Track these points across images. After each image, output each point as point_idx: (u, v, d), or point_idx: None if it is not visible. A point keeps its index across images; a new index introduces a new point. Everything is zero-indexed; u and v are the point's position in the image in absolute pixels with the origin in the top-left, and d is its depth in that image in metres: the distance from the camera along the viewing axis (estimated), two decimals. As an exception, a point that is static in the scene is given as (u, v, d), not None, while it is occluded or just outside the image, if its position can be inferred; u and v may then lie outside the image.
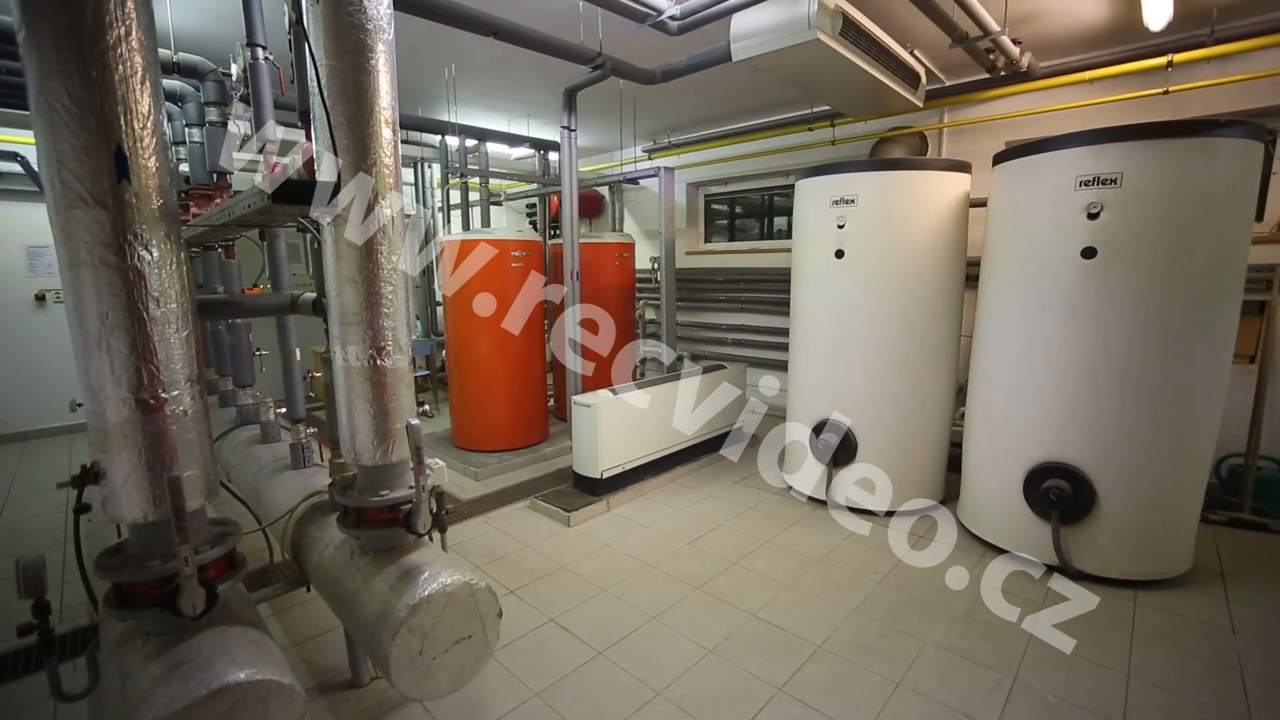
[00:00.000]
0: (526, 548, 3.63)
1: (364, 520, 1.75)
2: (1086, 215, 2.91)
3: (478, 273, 4.82)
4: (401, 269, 1.72)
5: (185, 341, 1.39)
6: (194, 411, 1.41)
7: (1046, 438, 3.16)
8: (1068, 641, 2.64)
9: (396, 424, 1.75)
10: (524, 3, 3.48)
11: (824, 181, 3.86)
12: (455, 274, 4.93)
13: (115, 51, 1.22)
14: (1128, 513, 3.00)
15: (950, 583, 3.15)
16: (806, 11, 3.12)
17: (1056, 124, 4.60)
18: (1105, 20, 3.82)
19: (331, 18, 1.54)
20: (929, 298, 3.76)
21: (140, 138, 1.27)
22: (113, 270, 1.26)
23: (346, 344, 1.67)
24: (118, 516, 1.35)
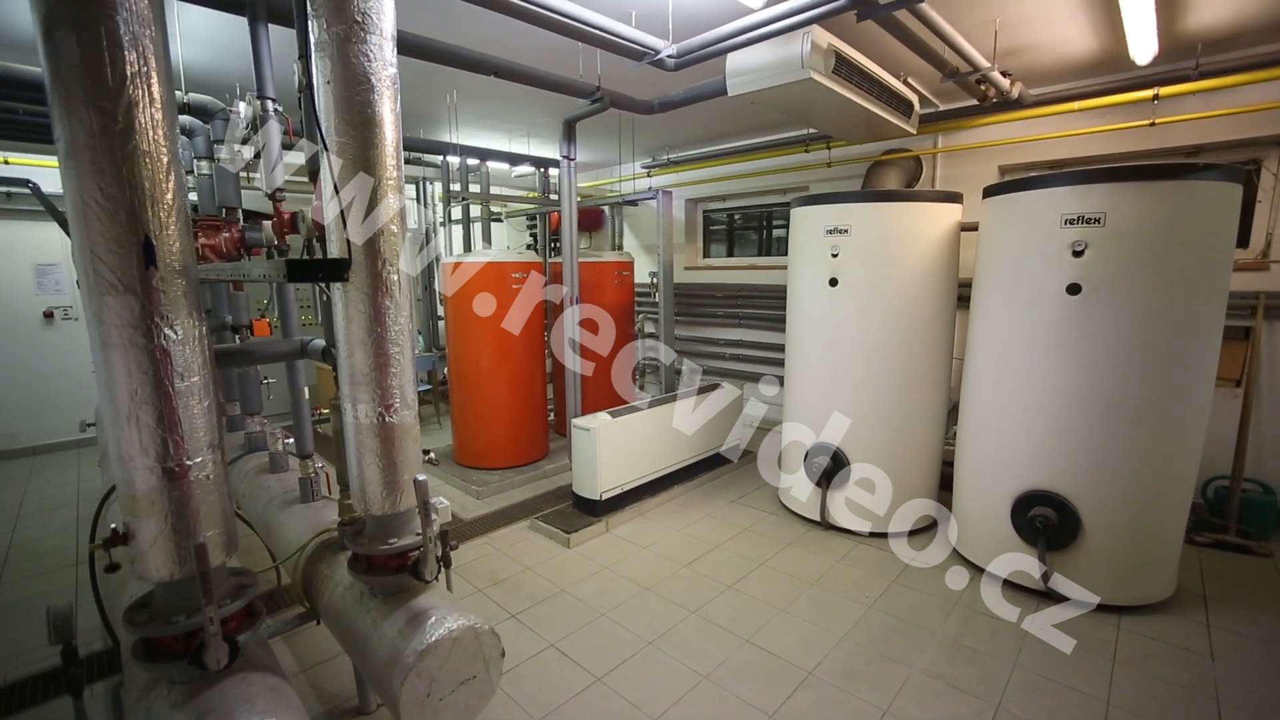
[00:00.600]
0: (527, 570, 3.72)
1: (373, 566, 1.84)
2: (1071, 253, 2.99)
3: (478, 294, 4.91)
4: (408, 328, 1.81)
5: (207, 411, 1.48)
6: (215, 475, 1.50)
7: (1033, 466, 3.25)
8: (1051, 668, 2.73)
9: (404, 475, 1.84)
10: (525, 38, 3.57)
11: (818, 211, 3.95)
12: (456, 295, 5.02)
13: (144, 149, 1.31)
14: (1111, 540, 3.09)
15: (939, 607, 3.24)
16: (800, 52, 3.21)
17: (1048, 150, 4.69)
18: (1093, 52, 3.91)
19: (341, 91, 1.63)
20: (921, 326, 3.85)
21: (165, 225, 1.36)
22: (141, 350, 1.35)
23: (356, 402, 1.76)
24: (145, 576, 1.44)
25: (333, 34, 1.60)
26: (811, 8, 2.79)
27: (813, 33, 3.15)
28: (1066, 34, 3.63)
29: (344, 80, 1.61)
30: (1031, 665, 2.76)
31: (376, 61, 1.64)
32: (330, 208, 1.67)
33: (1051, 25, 3.51)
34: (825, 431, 4.07)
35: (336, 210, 1.66)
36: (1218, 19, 3.40)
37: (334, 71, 1.61)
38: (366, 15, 1.62)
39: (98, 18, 1.23)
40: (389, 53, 1.69)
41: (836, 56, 3.35)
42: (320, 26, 1.61)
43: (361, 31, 1.62)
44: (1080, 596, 3.15)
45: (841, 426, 4.01)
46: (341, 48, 1.60)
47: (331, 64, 1.61)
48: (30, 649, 3.00)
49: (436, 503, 2.27)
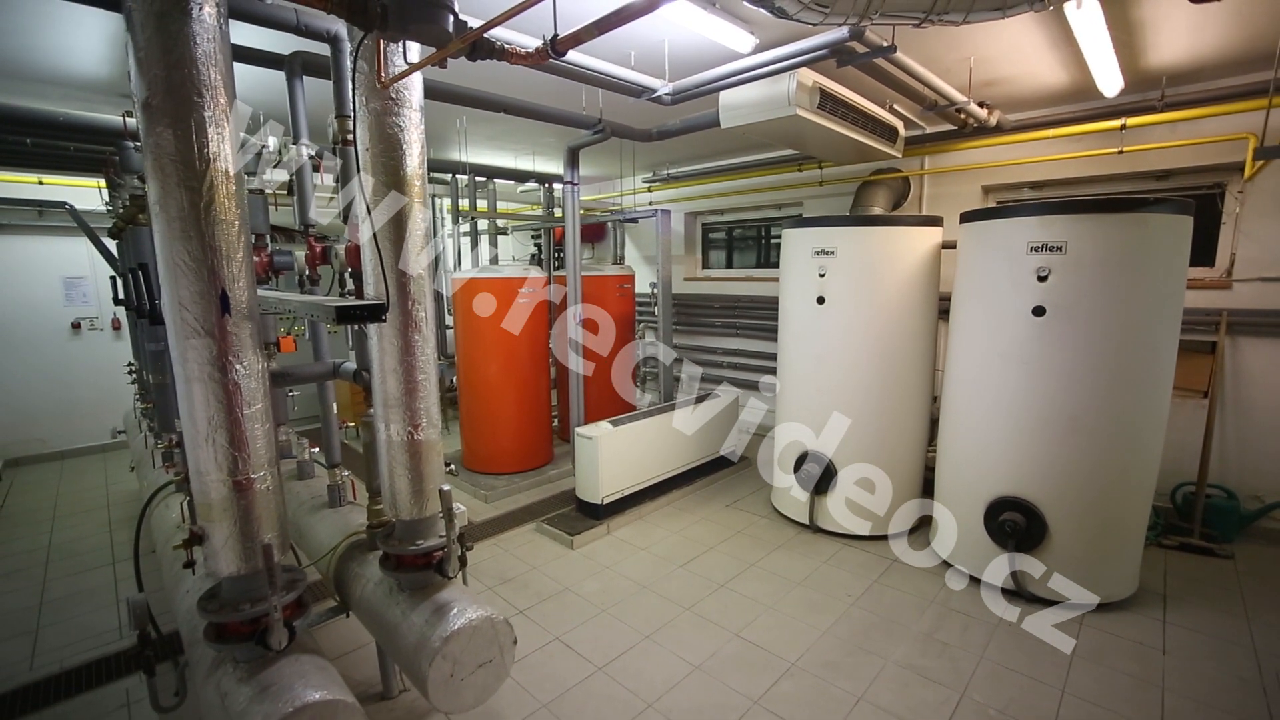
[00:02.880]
0: (533, 570, 3.99)
1: (402, 564, 2.11)
2: (1036, 278, 3.25)
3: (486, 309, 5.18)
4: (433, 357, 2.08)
5: (268, 433, 1.75)
6: (274, 486, 1.77)
7: (1005, 474, 3.50)
8: (1015, 660, 2.98)
9: (430, 485, 2.11)
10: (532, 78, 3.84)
11: (806, 233, 4.22)
12: (465, 309, 5.29)
13: (222, 218, 1.58)
14: (1076, 542, 3.34)
15: (916, 605, 3.49)
16: (787, 90, 3.47)
17: (1028, 172, 4.94)
18: (1064, 84, 4.16)
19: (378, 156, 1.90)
20: (904, 341, 4.11)
21: (237, 279, 1.63)
22: (217, 384, 1.62)
23: (389, 422, 2.03)
24: (217, 571, 1.72)
25: (371, 110, 1.87)
26: (794, 56, 3.05)
27: (798, 73, 3.41)
28: (1037, 68, 3.88)
29: (381, 147, 1.89)
30: (997, 657, 3.01)
31: (407, 130, 1.92)
32: (368, 254, 1.94)
33: (1024, 61, 3.76)
34: (814, 440, 4.32)
35: (373, 257, 1.93)
36: (1176, 56, 3.65)
37: (372, 140, 1.88)
38: (400, 92, 1.89)
39: (189, 112, 1.51)
40: (417, 119, 1.96)
41: (821, 93, 3.61)
42: (361, 102, 1.88)
43: (396, 106, 1.89)
44: (1051, 595, 3.41)
45: (830, 436, 4.26)
46: (378, 119, 1.88)
47: (370, 133, 1.88)
48: (79, 639, 3.28)
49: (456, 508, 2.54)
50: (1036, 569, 3.43)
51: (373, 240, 1.92)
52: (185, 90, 1.49)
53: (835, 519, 4.34)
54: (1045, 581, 3.42)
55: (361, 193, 1.88)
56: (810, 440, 4.35)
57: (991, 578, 3.57)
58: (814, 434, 4.34)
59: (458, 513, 2.51)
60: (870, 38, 2.82)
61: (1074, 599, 3.37)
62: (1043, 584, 3.43)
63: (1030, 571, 3.44)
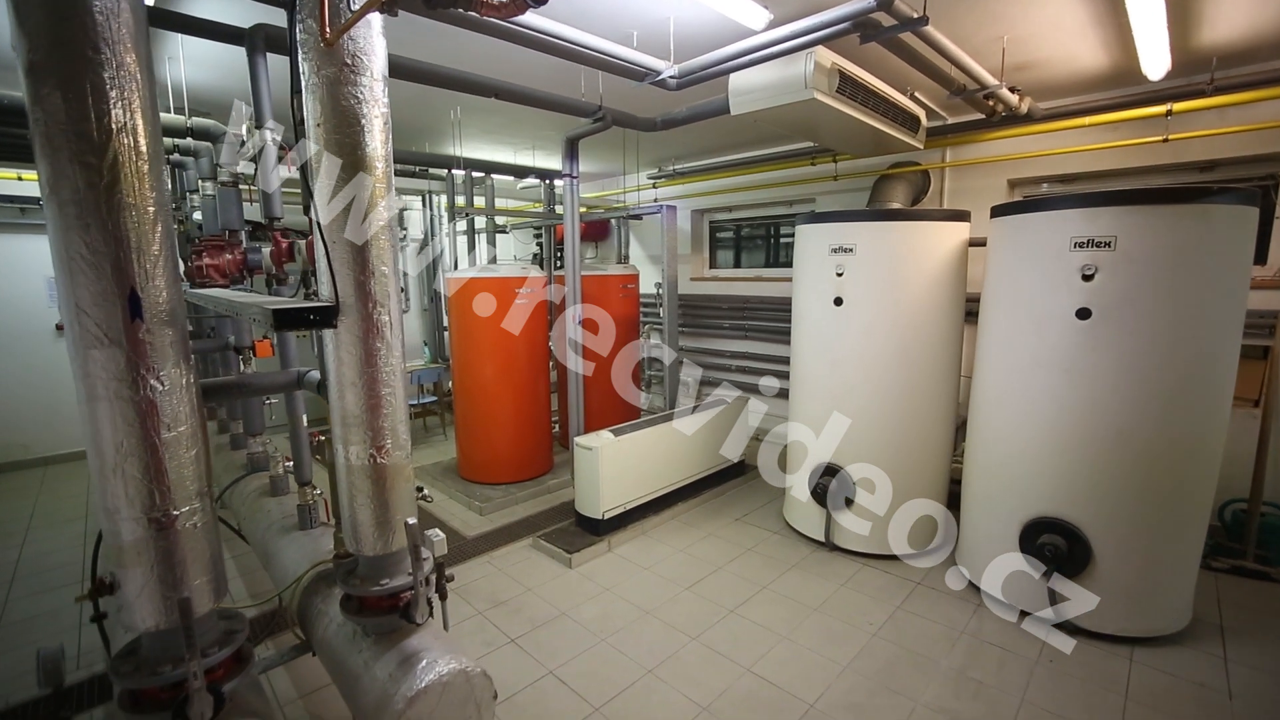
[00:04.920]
0: (528, 591, 3.70)
1: (365, 607, 1.83)
2: (1081, 277, 2.93)
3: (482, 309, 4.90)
4: (400, 368, 1.80)
5: (196, 459, 1.47)
6: (204, 523, 1.49)
7: (1042, 493, 3.18)
8: (1061, 704, 2.66)
9: (397, 516, 1.82)
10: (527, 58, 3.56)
11: (823, 229, 3.91)
12: (459, 310, 5.02)
13: (129, 202, 1.30)
14: (1124, 569, 3.02)
15: (945, 635, 3.18)
16: (803, 71, 3.17)
17: (1059, 165, 4.61)
18: (1104, 67, 3.84)
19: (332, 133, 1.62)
20: (928, 345, 3.79)
21: (152, 277, 1.35)
22: (126, 403, 1.34)
23: (349, 443, 1.74)
24: (131, 626, 1.44)
25: (324, 76, 1.59)
26: (814, 30, 2.75)
27: (816, 53, 3.11)
28: (1076, 49, 3.56)
29: (335, 122, 1.60)
30: (1040, 700, 2.70)
31: (367, 103, 1.63)
32: (320, 251, 1.66)
33: (1061, 41, 3.45)
34: (830, 452, 4.01)
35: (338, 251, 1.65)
36: (1232, 33, 3.32)
37: (324, 114, 1.60)
38: (356, 57, 1.61)
39: (84, 72, 1.23)
40: (380, 92, 1.68)
41: (841, 76, 3.31)
42: (312, 69, 1.60)
43: (352, 74, 1.61)
44: (1096, 627, 3.08)
45: (847, 447, 3.95)
46: (332, 90, 1.59)
47: (322, 106, 1.60)
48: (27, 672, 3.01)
49: (431, 535, 2.25)
50: (1079, 597, 3.11)
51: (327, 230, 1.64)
52: (77, 44, 1.21)
53: (853, 536, 4.03)
54: (1089, 611, 3.10)
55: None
56: (826, 451, 4.04)
57: (1029, 606, 3.25)
58: (830, 445, 4.03)
59: (434, 541, 2.23)
60: (899, 7, 2.52)
61: (1122, 632, 3.05)
62: (1086, 614, 3.11)
63: (1072, 600, 3.12)
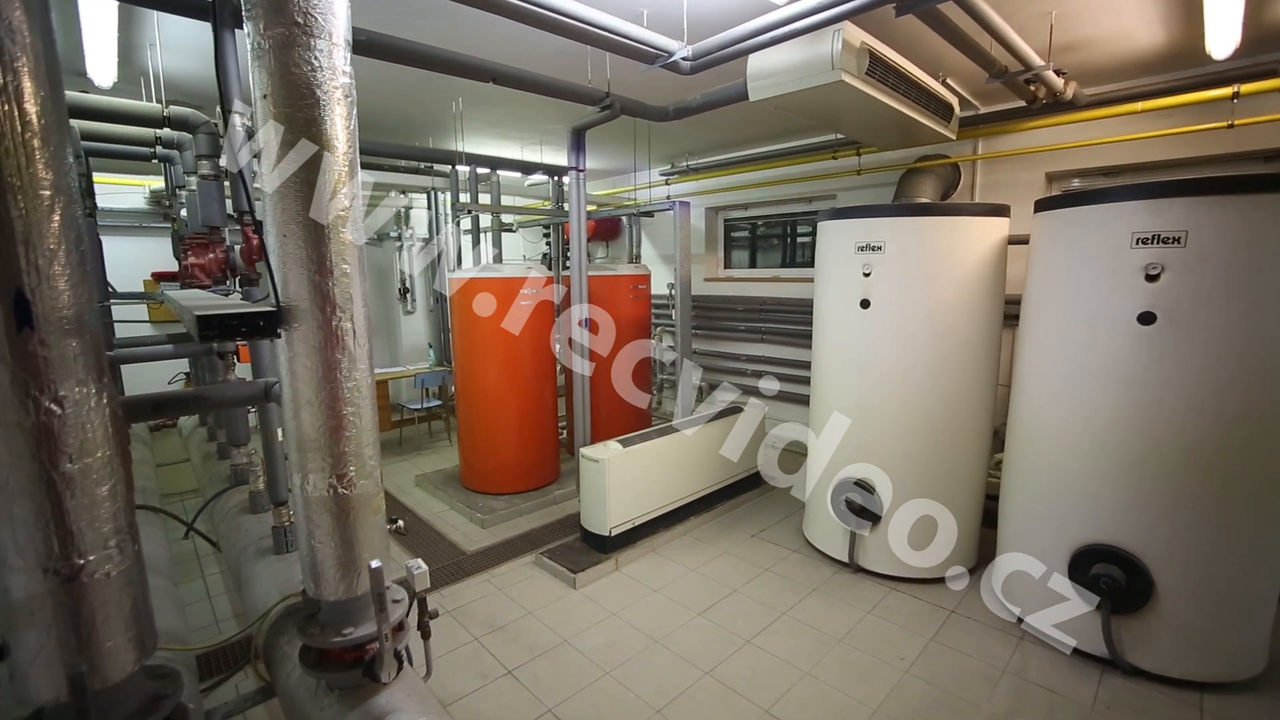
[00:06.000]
0: (529, 615, 3.44)
1: (327, 659, 1.58)
2: (1144, 277, 2.61)
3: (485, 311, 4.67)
4: (367, 382, 1.54)
5: (112, 494, 1.22)
6: (121, 570, 1.25)
7: (1096, 517, 2.86)
8: (1123, 763, 2.35)
9: (363, 554, 1.57)
10: (530, 42, 3.31)
11: (848, 226, 3.61)
12: (462, 312, 4.79)
13: (12, 184, 1.05)
14: (1191, 606, 2.69)
15: (985, 674, 2.87)
16: (830, 51, 2.88)
17: (1103, 156, 4.26)
18: (1161, 46, 3.49)
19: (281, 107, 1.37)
20: (964, 352, 3.48)
21: (47, 276, 1.11)
22: (12, 430, 1.10)
23: (305, 472, 1.49)
24: (26, 698, 1.20)
25: (271, 38, 1.34)
26: (844, 1, 2.46)
27: (844, 30, 2.82)
28: (1132, 25, 3.23)
29: (285, 94, 1.35)
30: (1099, 756, 2.39)
31: (324, 71, 1.38)
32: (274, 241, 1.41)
33: (1116, 16, 3.12)
34: (854, 466, 3.71)
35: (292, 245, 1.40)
36: (1313, 6, 2.97)
37: (272, 84, 1.35)
38: (310, 15, 1.35)
39: (-52, 22, 0.98)
40: (340, 60, 1.42)
41: (870, 56, 3.01)
42: (256, 30, 1.35)
43: (305, 36, 1.35)
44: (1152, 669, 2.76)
45: (873, 460, 3.65)
46: (281, 55, 1.34)
47: (269, 75, 1.35)
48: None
49: (413, 567, 2.00)
50: (1139, 635, 2.78)
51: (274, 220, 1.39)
52: (-61, -13, 0.97)
53: (879, 556, 3.72)
54: (1150, 651, 2.77)
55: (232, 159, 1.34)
56: (850, 465, 3.74)
57: (1080, 643, 2.93)
58: (854, 458, 3.73)
59: (416, 573, 1.98)
60: (942, -28, 2.22)
61: (1189, 676, 2.72)
62: (1147, 653, 2.78)
63: (1131, 639, 2.79)
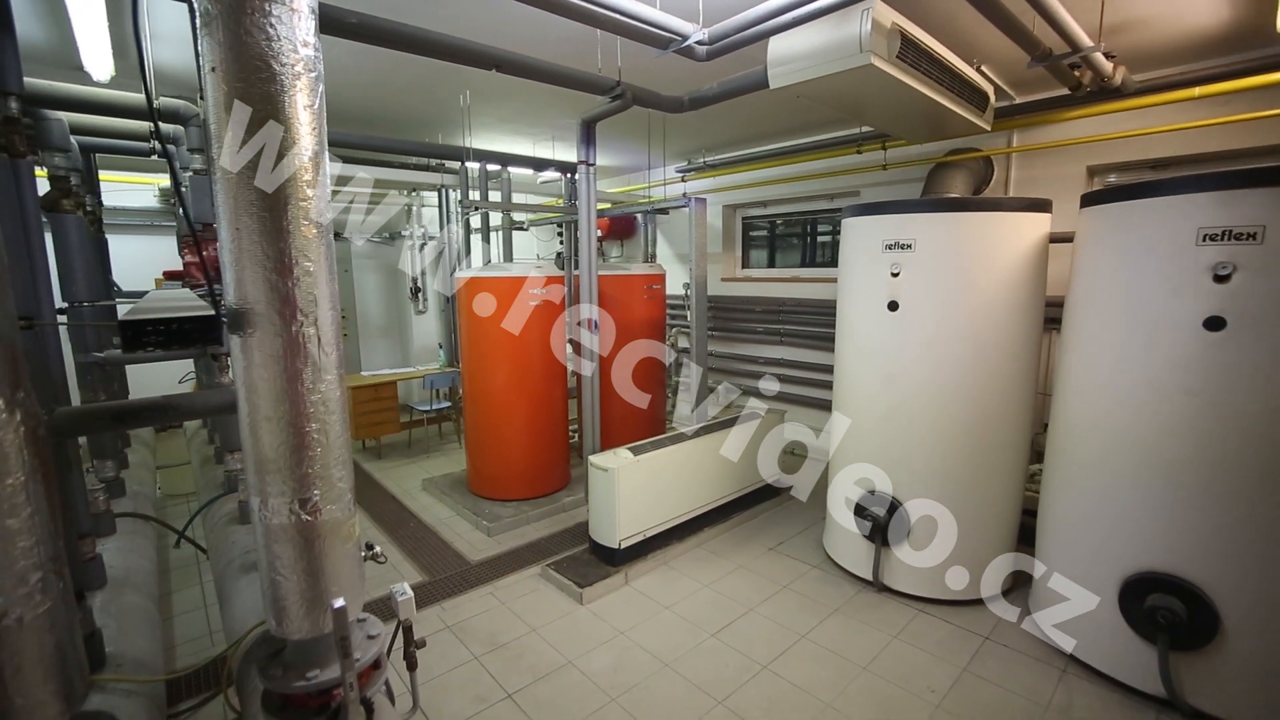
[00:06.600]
0: (532, 632, 3.27)
1: (290, 705, 1.41)
2: (1212, 277, 2.34)
3: (493, 311, 4.52)
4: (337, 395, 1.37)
5: (28, 525, 1.07)
6: (41, 613, 1.09)
7: (1150, 542, 2.60)
8: (1188, 822, 2.10)
9: (331, 587, 1.40)
10: (537, 29, 3.14)
11: (875, 222, 3.37)
12: (469, 312, 4.64)
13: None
14: (1262, 645, 2.41)
15: (1026, 713, 2.62)
16: (859, 32, 2.65)
17: (1152, 147, 3.96)
18: (1223, 25, 3.20)
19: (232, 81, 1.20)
20: (1000, 357, 3.22)
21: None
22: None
23: (265, 496, 1.33)
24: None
25: (220, 3, 1.17)
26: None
27: (873, 8, 2.59)
28: (1191, 1, 2.95)
29: (236, 67, 1.18)
30: (1159, 813, 2.14)
31: (282, 41, 1.21)
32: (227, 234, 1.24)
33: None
34: (881, 477, 3.48)
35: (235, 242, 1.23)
36: (1402, -24, 2.67)
37: (222, 55, 1.18)
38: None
39: None
40: (303, 30, 1.25)
41: (902, 38, 2.78)
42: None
43: (260, 0, 1.18)
44: (1216, 712, 2.49)
45: (901, 472, 3.41)
46: (231, 22, 1.17)
47: (220, 46, 1.18)
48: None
49: (397, 592, 1.84)
50: (1201, 675, 2.52)
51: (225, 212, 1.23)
52: None
53: (907, 575, 3.48)
54: (1214, 693, 2.50)
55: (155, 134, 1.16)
56: (876, 476, 3.50)
57: (1132, 680, 2.67)
58: (881, 469, 3.49)
59: (401, 599, 1.82)
60: (988, -63, 1.99)
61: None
62: (1210, 695, 2.51)
63: (1192, 678, 2.53)
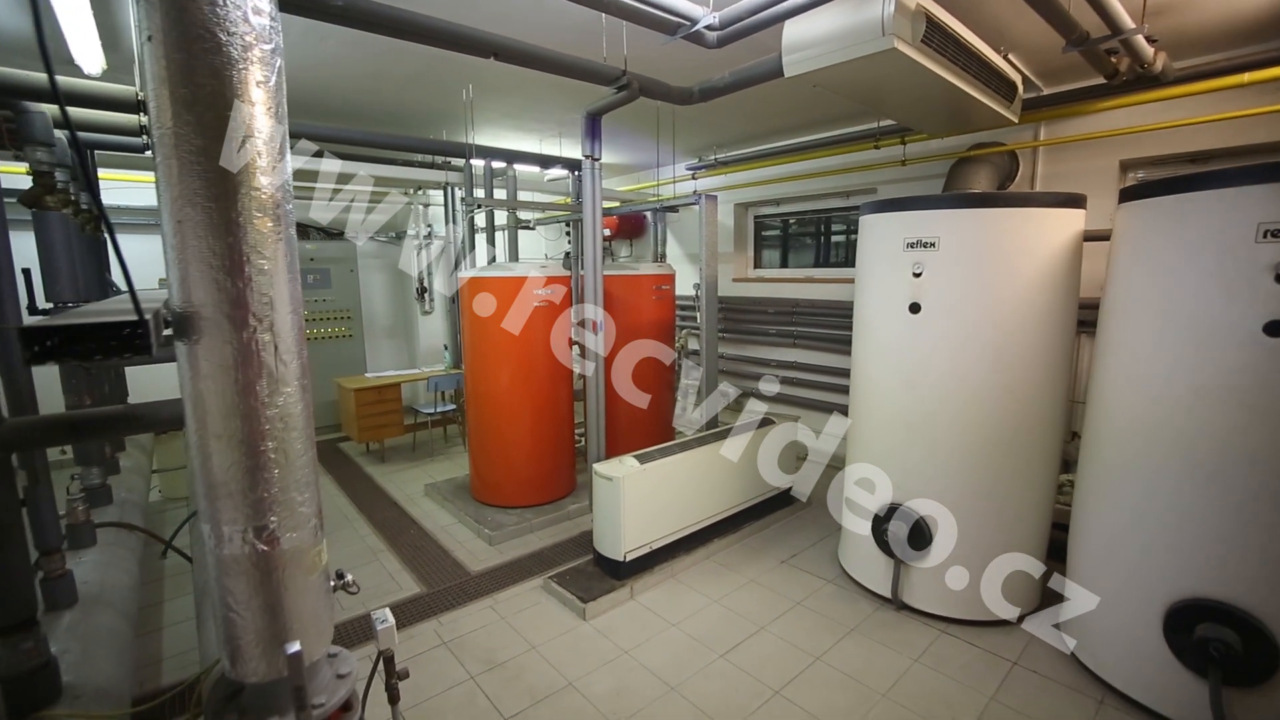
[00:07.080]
0: (532, 650, 3.12)
1: (247, 754, 1.27)
2: (1275, 277, 2.14)
3: (496, 312, 4.38)
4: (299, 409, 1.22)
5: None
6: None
7: (1199, 566, 2.39)
8: None
9: (294, 624, 1.25)
10: (541, 14, 2.99)
11: (895, 219, 3.18)
12: (472, 313, 4.50)
13: None
14: (1324, 680, 2.21)
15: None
16: (880, 15, 2.47)
17: (1191, 139, 3.73)
18: (1272, 6, 2.98)
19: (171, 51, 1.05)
20: (1030, 362, 3.02)
21: None
22: None
23: (217, 523, 1.18)
24: None
25: (159, -36, 1.02)
26: (901, -53, 2.06)
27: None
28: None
29: (176, 36, 1.03)
30: None
31: (229, 8, 1.06)
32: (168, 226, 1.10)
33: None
34: (901, 489, 3.29)
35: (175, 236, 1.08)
36: None
37: (160, 22, 1.03)
38: (210, -68, 1.03)
39: None
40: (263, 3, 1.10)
41: (928, 20, 2.59)
42: (143, -47, 1.03)
43: (204, -40, 1.03)
44: (1272, 753, 2.28)
45: (923, 484, 3.22)
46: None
47: (155, 10, 1.03)
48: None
49: (377, 620, 1.69)
50: (1260, 715, 2.30)
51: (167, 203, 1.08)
52: None
53: (928, 594, 3.29)
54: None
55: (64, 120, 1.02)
56: (896, 488, 3.31)
57: (1178, 716, 2.46)
58: (901, 480, 3.30)
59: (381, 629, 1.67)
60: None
61: (1320, 764, 2.24)
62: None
63: (1248, 716, 2.32)
